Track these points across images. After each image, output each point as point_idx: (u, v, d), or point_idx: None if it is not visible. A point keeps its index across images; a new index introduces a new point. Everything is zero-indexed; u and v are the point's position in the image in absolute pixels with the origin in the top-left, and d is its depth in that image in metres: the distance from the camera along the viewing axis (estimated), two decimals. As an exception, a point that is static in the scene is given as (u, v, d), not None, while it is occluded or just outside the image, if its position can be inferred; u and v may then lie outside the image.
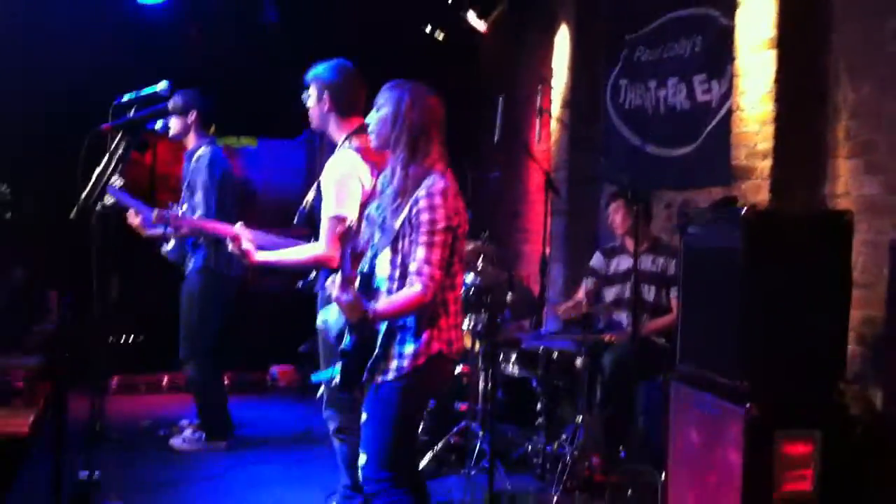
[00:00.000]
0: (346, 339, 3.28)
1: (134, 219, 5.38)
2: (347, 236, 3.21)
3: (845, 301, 4.00)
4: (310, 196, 4.30)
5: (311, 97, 4.13)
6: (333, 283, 3.08)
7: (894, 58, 4.47)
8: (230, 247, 3.96)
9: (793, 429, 3.77)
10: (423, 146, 3.29)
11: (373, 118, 3.37)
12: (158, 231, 5.44)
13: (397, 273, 3.26)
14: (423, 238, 3.19)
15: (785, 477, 3.73)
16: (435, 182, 3.24)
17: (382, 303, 3.21)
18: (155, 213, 4.81)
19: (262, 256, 3.93)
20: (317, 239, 3.97)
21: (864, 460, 3.91)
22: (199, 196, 5.49)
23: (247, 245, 3.91)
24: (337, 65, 4.15)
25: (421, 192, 3.23)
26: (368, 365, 3.28)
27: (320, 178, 4.16)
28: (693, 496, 4.05)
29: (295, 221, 4.34)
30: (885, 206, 4.49)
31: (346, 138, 4.07)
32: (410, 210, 3.22)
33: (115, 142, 3.58)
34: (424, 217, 3.19)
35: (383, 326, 3.29)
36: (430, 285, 3.16)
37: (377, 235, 3.35)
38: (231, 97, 6.68)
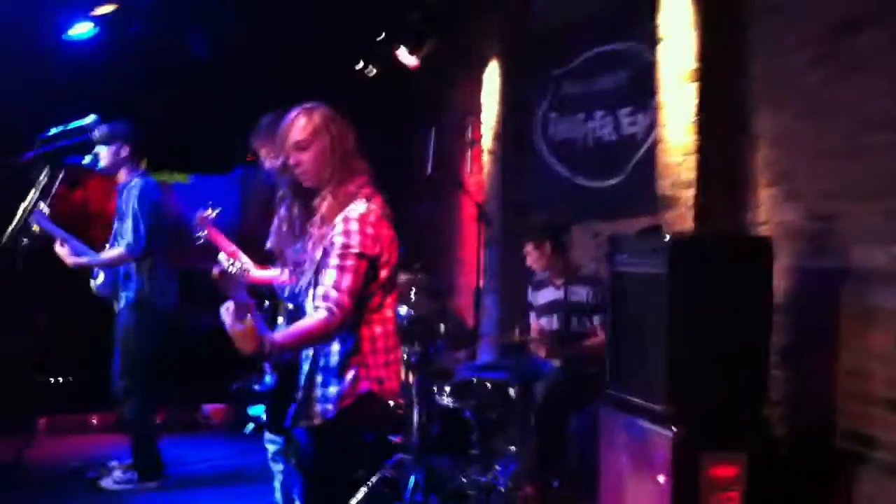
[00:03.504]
0: (268, 378, 3.09)
1: (60, 248, 5.34)
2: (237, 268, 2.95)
3: (767, 325, 4.10)
4: None
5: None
6: (227, 311, 2.80)
7: (809, 88, 4.61)
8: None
9: (719, 451, 3.84)
10: (351, 169, 3.11)
11: (302, 159, 3.09)
12: (83, 261, 5.39)
13: None
14: (333, 261, 2.97)
15: (712, 499, 3.79)
16: (355, 207, 3.06)
17: (282, 331, 2.97)
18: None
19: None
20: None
21: (788, 481, 4.00)
22: (128, 223, 5.43)
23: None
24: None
25: (338, 217, 3.04)
26: (291, 411, 3.06)
27: None
28: (624, 521, 4.09)
29: None
30: (804, 232, 4.61)
31: None
32: (328, 238, 3.03)
33: (41, 173, 3.54)
34: (338, 241, 2.99)
35: (305, 367, 3.08)
36: (336, 312, 2.89)
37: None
38: (163, 133, 6.62)
